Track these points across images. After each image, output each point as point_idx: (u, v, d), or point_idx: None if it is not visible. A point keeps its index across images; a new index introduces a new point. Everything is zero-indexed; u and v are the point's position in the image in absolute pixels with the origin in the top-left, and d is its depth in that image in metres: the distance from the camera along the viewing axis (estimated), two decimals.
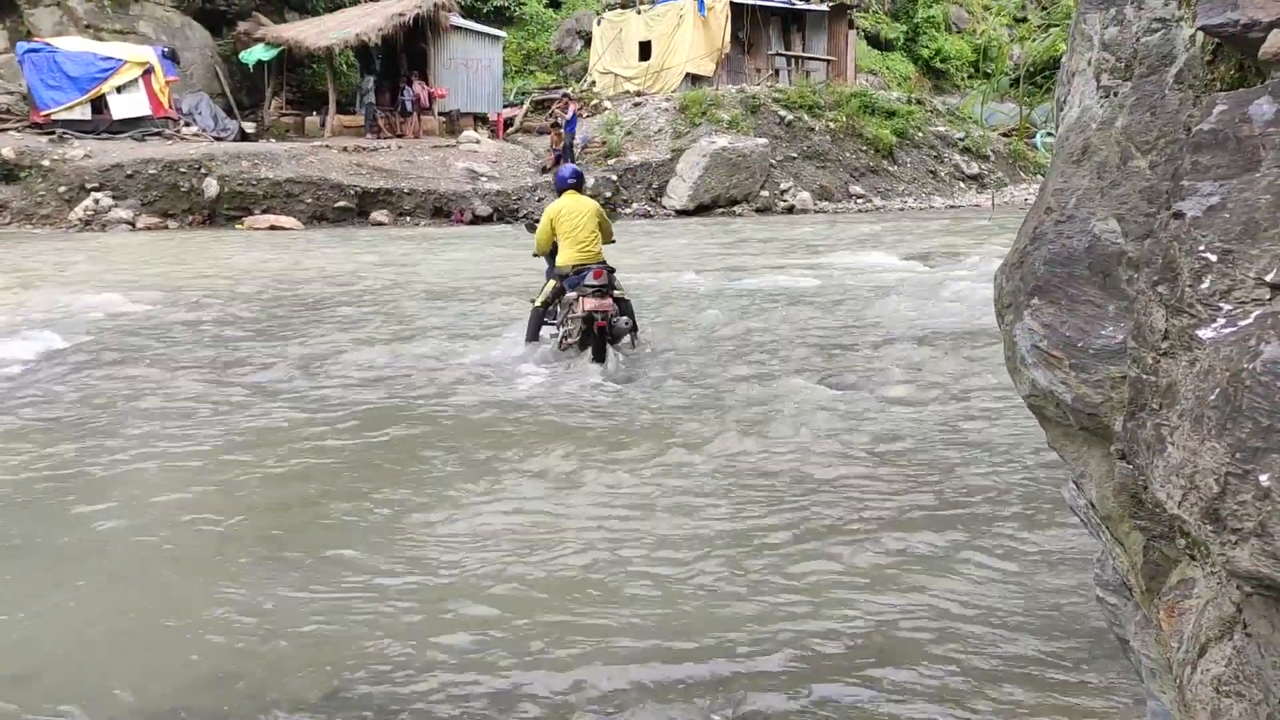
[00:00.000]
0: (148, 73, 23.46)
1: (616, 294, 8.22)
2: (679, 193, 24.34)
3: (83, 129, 22.55)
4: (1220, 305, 1.45)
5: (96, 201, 20.31)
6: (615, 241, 8.90)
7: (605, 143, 25.20)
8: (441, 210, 22.57)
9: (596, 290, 7.92)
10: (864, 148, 27.30)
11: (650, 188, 24.66)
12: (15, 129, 22.51)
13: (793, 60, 30.71)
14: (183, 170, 21.03)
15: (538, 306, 8.47)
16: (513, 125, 27.45)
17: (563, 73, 32.61)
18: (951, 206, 26.43)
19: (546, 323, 8.47)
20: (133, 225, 20.23)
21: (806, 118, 27.03)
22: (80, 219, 20.06)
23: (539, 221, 8.63)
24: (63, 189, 20.49)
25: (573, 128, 24.25)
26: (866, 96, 28.53)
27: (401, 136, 25.56)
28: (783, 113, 26.83)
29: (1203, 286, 1.48)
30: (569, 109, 24.73)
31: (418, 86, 26.30)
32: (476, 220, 22.27)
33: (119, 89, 23.20)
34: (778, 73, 30.17)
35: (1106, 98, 1.92)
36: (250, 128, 25.47)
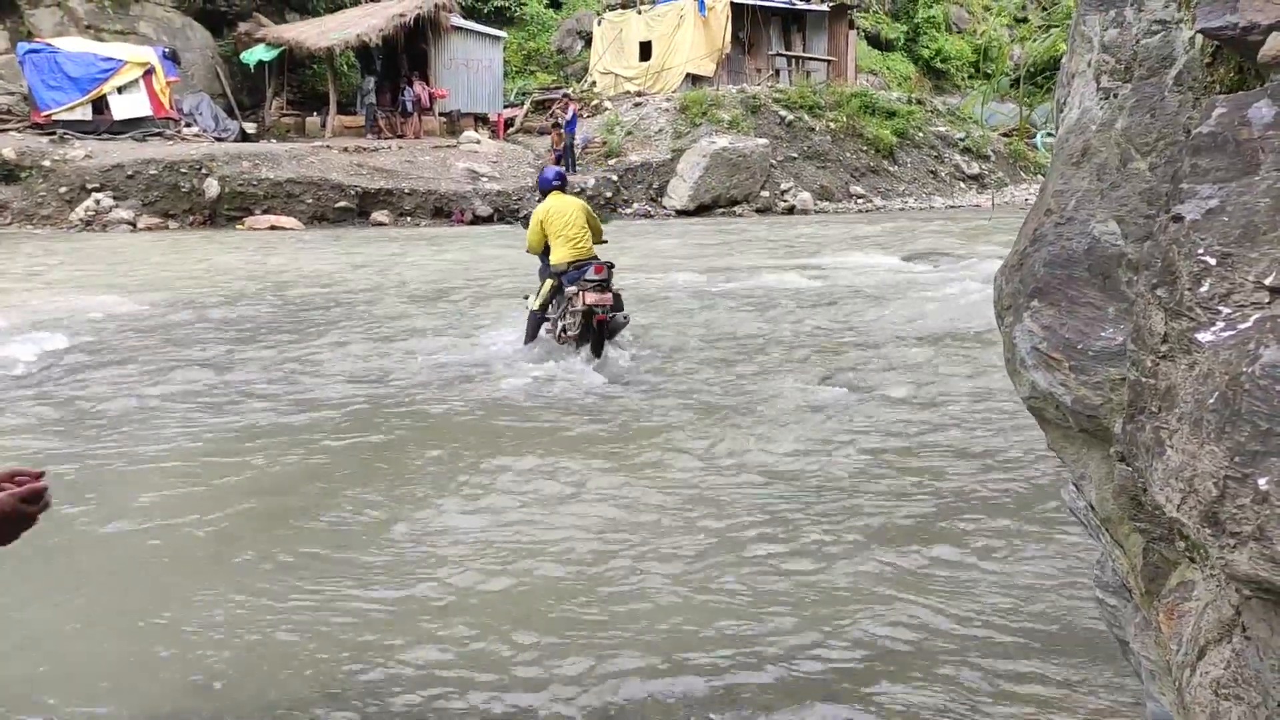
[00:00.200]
0: (148, 73, 23.48)
1: (614, 290, 8.25)
2: (679, 193, 24.35)
3: (83, 129, 22.57)
4: (1219, 309, 1.45)
5: (97, 202, 20.32)
6: (606, 241, 8.86)
7: (606, 143, 25.21)
8: (442, 210, 22.57)
9: (597, 285, 7.96)
10: (864, 148, 27.31)
11: (651, 188, 24.66)
12: (16, 129, 22.53)
13: (793, 60, 30.72)
14: (183, 171, 21.04)
15: (535, 310, 8.48)
16: (513, 125, 27.46)
17: (563, 73, 32.61)
18: (952, 207, 26.43)
19: (546, 318, 8.47)
20: (133, 226, 20.24)
21: (807, 118, 27.03)
22: (81, 219, 20.07)
23: None
24: (64, 189, 20.50)
25: (573, 128, 24.27)
26: (867, 97, 28.54)
27: (402, 137, 25.56)
28: (783, 113, 26.84)
29: (1202, 290, 1.47)
30: (569, 109, 24.75)
31: (418, 87, 26.30)
32: (477, 220, 22.28)
33: (120, 89, 23.22)
34: (778, 73, 30.18)
35: (1106, 99, 1.92)
36: (251, 128, 25.49)
